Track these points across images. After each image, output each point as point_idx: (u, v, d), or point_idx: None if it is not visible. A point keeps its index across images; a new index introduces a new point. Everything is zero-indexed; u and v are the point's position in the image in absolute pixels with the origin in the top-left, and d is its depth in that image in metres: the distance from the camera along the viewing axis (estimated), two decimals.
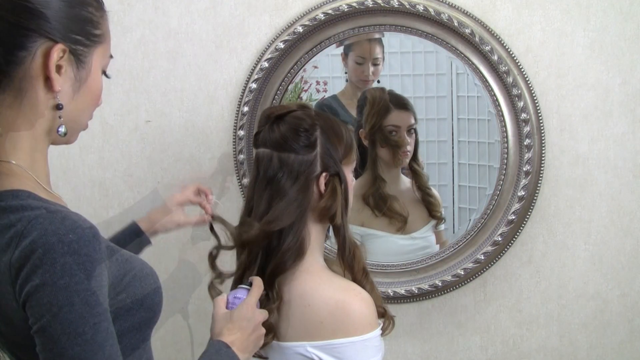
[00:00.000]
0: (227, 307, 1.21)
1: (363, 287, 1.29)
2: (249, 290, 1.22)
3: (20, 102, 0.98)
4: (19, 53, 0.96)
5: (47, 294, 0.88)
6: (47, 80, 0.97)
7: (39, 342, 0.90)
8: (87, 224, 0.93)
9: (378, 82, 1.85)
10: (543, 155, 1.72)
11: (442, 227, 1.86)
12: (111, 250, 1.00)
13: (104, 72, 1.07)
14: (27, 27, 0.96)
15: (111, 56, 1.07)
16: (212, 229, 1.45)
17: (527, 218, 1.74)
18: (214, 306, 1.22)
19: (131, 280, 1.02)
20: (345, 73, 1.84)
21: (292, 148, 1.26)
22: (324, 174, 1.27)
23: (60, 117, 0.99)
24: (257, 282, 1.23)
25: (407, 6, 1.68)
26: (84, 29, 1.00)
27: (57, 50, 0.97)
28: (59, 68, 0.98)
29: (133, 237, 1.47)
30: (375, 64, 1.83)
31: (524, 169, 1.71)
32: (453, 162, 1.87)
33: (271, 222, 1.25)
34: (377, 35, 1.79)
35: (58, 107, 0.99)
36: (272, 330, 1.26)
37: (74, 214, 0.94)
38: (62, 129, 0.99)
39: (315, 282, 1.27)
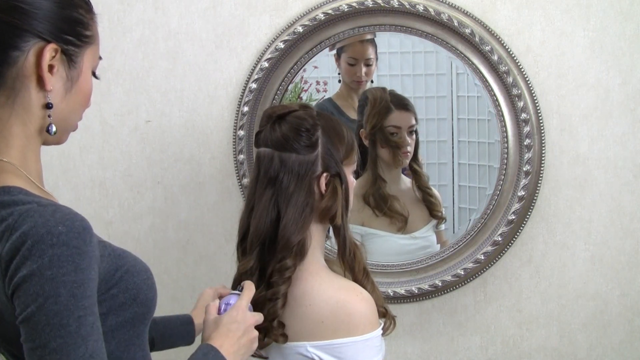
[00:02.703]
0: (219, 314, 1.20)
1: (364, 287, 1.29)
2: (240, 295, 1.21)
3: (13, 102, 0.99)
4: (12, 53, 0.97)
5: (33, 285, 0.88)
6: (40, 80, 0.99)
7: (23, 332, 0.89)
8: (78, 216, 0.93)
9: (372, 82, 1.85)
10: (543, 155, 1.72)
11: (442, 226, 1.86)
12: (102, 245, 1.00)
13: (94, 74, 1.08)
14: (20, 27, 0.97)
15: (100, 57, 1.09)
16: None
17: (527, 218, 1.74)
18: (205, 312, 1.21)
19: (123, 275, 1.02)
20: (339, 74, 1.85)
21: (293, 148, 1.25)
22: (324, 174, 1.27)
23: (49, 117, 1.00)
24: (248, 286, 1.22)
25: (407, 6, 1.68)
26: (75, 30, 1.01)
27: (50, 50, 0.98)
28: (51, 67, 0.99)
29: (185, 324, 1.41)
30: (367, 65, 1.83)
31: (524, 169, 1.71)
32: (453, 162, 1.87)
33: (292, 235, 1.24)
34: (369, 36, 1.79)
35: (48, 106, 0.99)
36: (280, 328, 1.25)
37: (65, 208, 0.94)
38: (52, 128, 1.00)
39: (316, 282, 1.27)
